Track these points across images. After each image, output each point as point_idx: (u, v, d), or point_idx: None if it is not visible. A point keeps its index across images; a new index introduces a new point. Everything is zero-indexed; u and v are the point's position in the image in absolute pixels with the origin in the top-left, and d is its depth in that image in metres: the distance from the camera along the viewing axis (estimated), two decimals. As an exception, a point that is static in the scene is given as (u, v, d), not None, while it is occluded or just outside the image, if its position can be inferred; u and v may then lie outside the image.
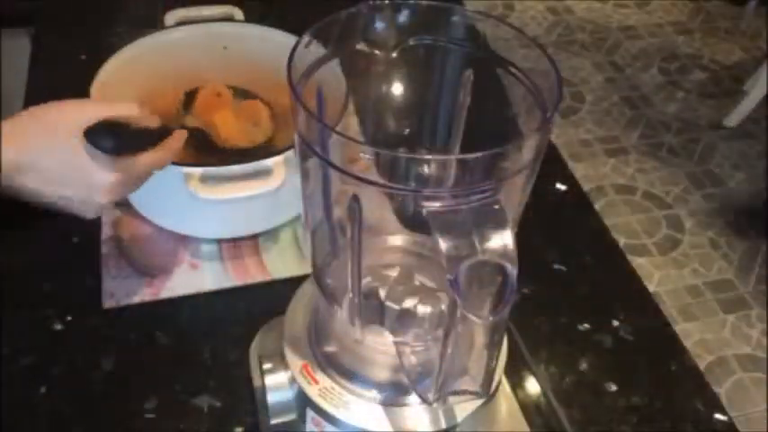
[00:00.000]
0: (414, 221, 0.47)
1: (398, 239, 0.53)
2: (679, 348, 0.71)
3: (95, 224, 0.77)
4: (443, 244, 0.35)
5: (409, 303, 0.46)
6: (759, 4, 2.67)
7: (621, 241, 1.86)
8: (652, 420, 0.65)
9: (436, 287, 0.49)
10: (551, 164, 0.89)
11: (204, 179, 0.66)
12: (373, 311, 0.47)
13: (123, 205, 0.78)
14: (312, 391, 0.51)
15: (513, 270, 0.36)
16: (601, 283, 0.77)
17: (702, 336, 1.68)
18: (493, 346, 0.41)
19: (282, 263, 0.75)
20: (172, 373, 0.65)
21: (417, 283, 0.50)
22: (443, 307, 0.45)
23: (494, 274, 0.36)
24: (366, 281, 0.48)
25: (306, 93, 0.41)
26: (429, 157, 0.35)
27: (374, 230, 0.52)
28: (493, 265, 0.36)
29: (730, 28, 2.69)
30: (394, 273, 0.50)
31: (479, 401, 0.50)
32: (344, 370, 0.52)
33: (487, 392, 0.45)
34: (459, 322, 0.38)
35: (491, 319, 0.37)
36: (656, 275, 1.80)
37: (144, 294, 0.71)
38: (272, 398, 0.54)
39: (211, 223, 0.75)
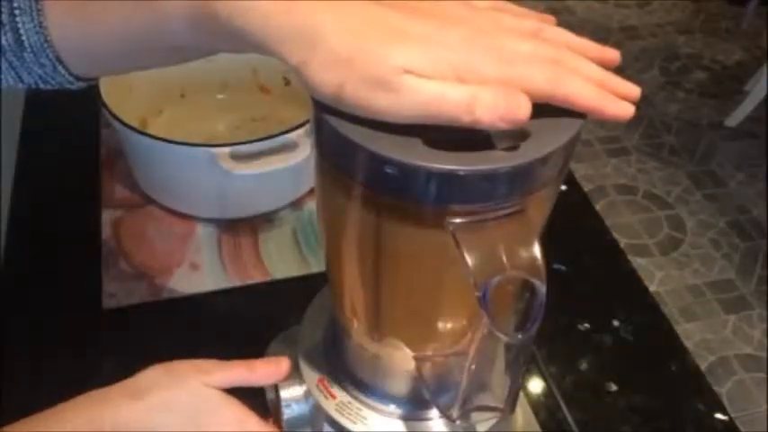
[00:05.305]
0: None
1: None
2: (680, 348, 0.71)
3: (95, 224, 0.77)
4: (470, 260, 0.33)
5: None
6: (759, 3, 2.67)
7: (623, 241, 1.86)
8: (652, 420, 0.65)
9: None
10: (552, 164, 0.89)
11: (234, 156, 0.67)
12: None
13: (124, 206, 0.78)
14: (329, 406, 0.50)
15: (541, 287, 0.34)
16: (601, 283, 0.77)
17: (703, 336, 1.68)
18: (518, 365, 0.39)
19: (282, 263, 0.75)
20: (172, 373, 0.65)
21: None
22: (464, 321, 0.44)
23: (521, 291, 0.35)
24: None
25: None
26: (456, 167, 0.32)
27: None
28: (521, 281, 0.34)
29: (731, 28, 2.69)
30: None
31: (499, 416, 0.48)
32: (362, 384, 0.50)
33: (512, 411, 0.43)
34: (485, 339, 0.37)
35: (520, 337, 0.35)
36: (657, 276, 1.80)
37: (144, 294, 0.71)
38: (287, 412, 0.52)
39: (243, 200, 0.76)
